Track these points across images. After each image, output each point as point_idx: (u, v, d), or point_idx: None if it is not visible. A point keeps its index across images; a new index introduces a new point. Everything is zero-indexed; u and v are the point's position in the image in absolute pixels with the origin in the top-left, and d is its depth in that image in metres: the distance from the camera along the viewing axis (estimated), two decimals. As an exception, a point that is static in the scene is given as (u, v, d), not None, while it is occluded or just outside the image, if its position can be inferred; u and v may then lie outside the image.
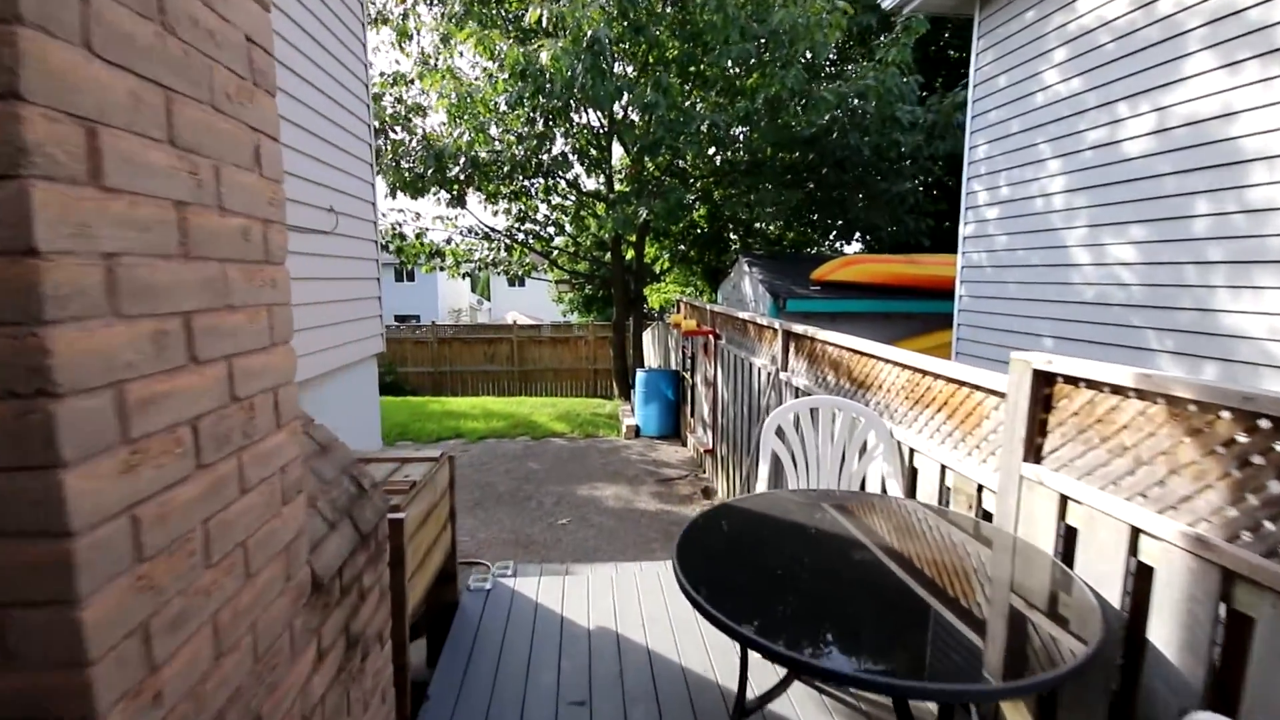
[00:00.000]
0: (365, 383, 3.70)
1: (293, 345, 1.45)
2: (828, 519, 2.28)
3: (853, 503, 2.47)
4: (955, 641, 1.58)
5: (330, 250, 3.14)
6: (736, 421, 5.75)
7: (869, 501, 2.50)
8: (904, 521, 2.31)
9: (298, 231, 2.78)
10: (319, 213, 3.06)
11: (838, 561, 2.00)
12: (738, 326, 5.82)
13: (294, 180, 2.78)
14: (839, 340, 3.53)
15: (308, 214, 2.96)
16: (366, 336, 3.60)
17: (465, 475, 7.10)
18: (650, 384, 8.95)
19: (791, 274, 7.60)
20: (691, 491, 6.62)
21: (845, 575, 1.92)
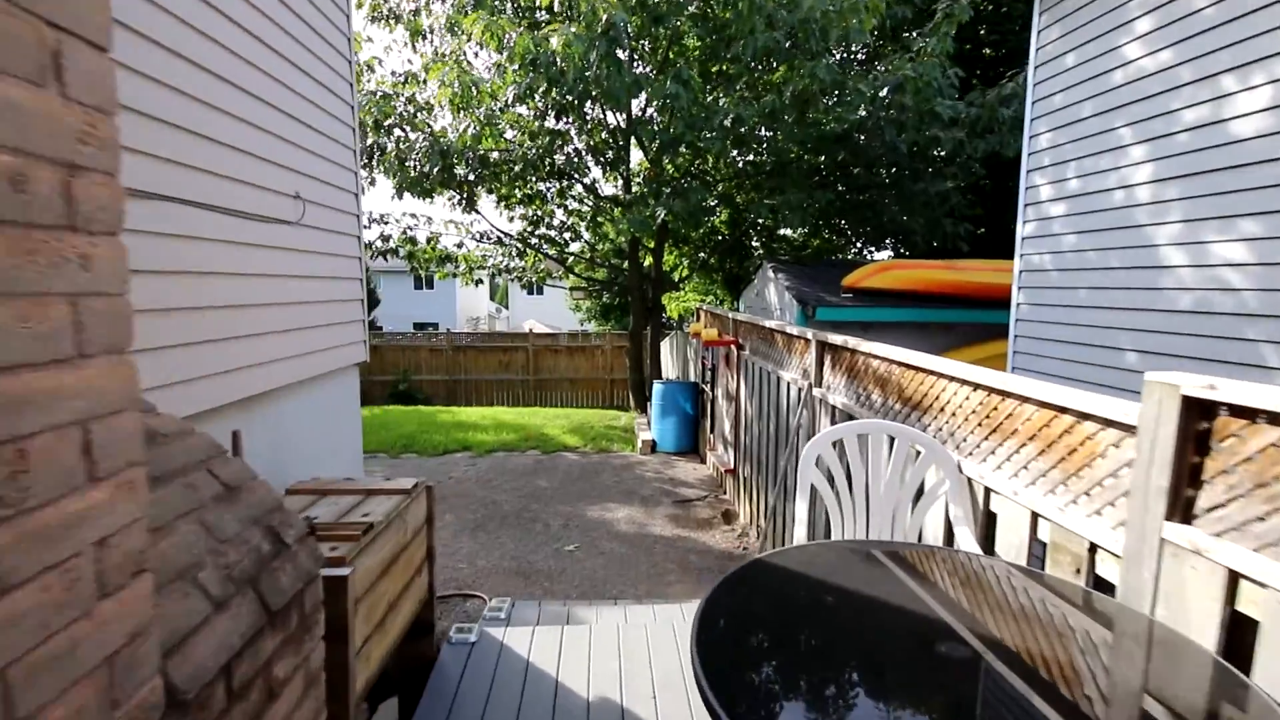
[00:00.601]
0: (343, 397, 3.27)
1: (131, 358, 0.99)
2: (893, 585, 1.76)
3: (921, 561, 1.95)
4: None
5: (296, 244, 2.72)
6: (761, 441, 5.22)
7: (942, 559, 1.97)
8: (993, 590, 1.78)
9: (247, 219, 2.35)
10: (281, 199, 2.64)
11: (918, 652, 1.48)
12: (764, 336, 5.31)
13: (238, 155, 2.36)
14: (888, 352, 3.01)
15: (265, 199, 2.53)
16: (344, 344, 3.18)
17: (470, 492, 6.66)
18: (668, 397, 8.45)
19: (821, 281, 7.07)
20: (711, 515, 6.10)
21: (934, 676, 1.40)
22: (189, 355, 2.02)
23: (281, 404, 2.68)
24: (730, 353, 6.32)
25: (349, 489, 2.35)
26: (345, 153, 3.20)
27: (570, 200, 11.03)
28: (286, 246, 2.63)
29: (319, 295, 2.95)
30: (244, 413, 2.38)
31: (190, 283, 2.05)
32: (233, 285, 2.30)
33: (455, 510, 6.10)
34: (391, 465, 7.78)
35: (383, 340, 18.42)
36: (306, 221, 2.78)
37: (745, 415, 5.80)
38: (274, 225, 2.55)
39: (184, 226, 2.00)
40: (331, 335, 3.06)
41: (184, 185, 2.02)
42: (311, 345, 2.87)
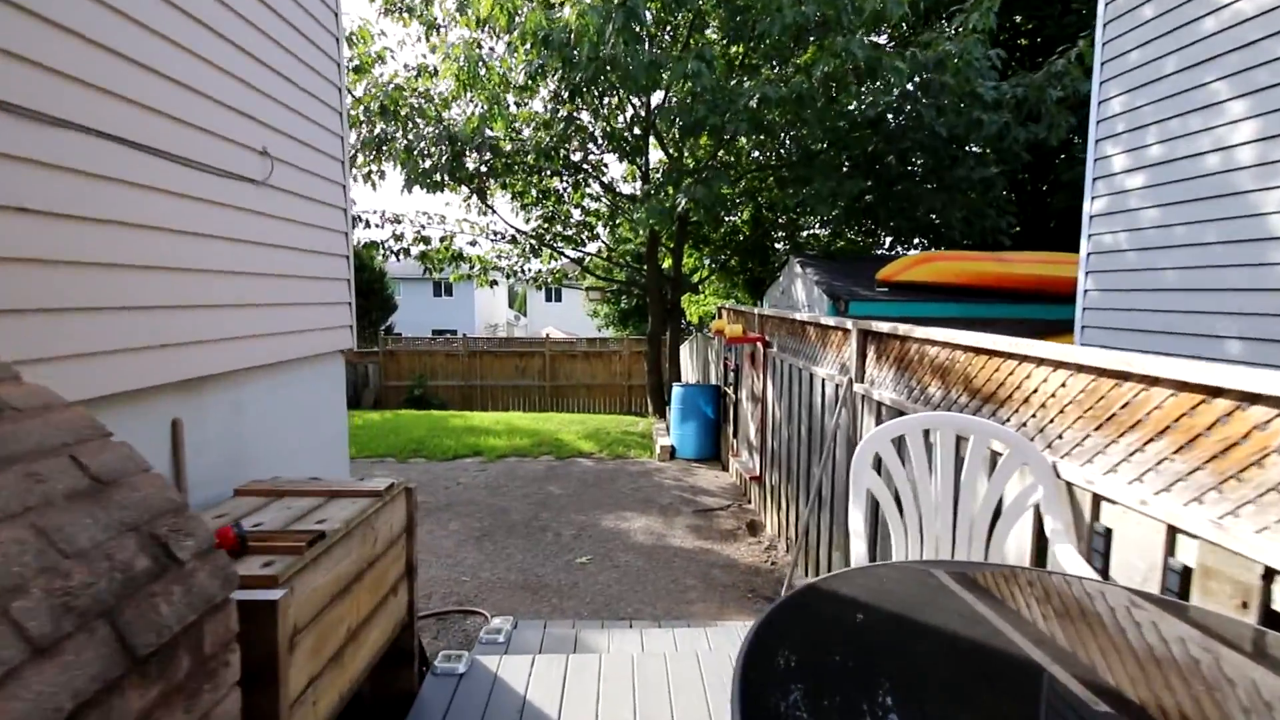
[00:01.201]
0: (324, 386, 2.90)
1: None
2: (986, 621, 1.31)
3: (1021, 588, 1.49)
4: None
5: (265, 207, 2.37)
6: (792, 445, 4.76)
7: (1047, 586, 1.51)
8: (1126, 630, 1.32)
9: (195, 168, 1.99)
10: (245, 154, 2.28)
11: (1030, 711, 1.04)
12: (794, 331, 4.86)
13: (186, 93, 2.00)
14: (952, 336, 2.56)
15: (222, 151, 2.17)
16: (325, 327, 2.81)
17: (477, 499, 6.28)
18: (687, 400, 8.01)
19: (852, 275, 6.61)
20: (735, 526, 5.63)
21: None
22: (108, 322, 1.66)
23: (243, 390, 2.32)
24: (756, 351, 5.87)
25: (312, 490, 1.97)
26: (329, 114, 2.85)
27: (587, 200, 10.70)
28: (252, 209, 2.28)
29: (294, 269, 2.58)
30: (190, 398, 2.02)
31: (114, 235, 1.69)
32: (177, 244, 1.94)
33: (461, 518, 5.72)
34: (399, 470, 7.44)
35: (398, 345, 18.23)
36: (278, 183, 2.42)
37: (773, 418, 5.35)
38: (234, 183, 2.19)
39: (101, 164, 1.65)
40: (310, 316, 2.69)
41: (108, 117, 1.67)
42: (284, 324, 2.50)
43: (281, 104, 2.45)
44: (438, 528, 5.45)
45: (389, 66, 7.74)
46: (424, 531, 5.34)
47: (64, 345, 1.49)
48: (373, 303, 22.30)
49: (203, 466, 2.00)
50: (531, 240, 9.91)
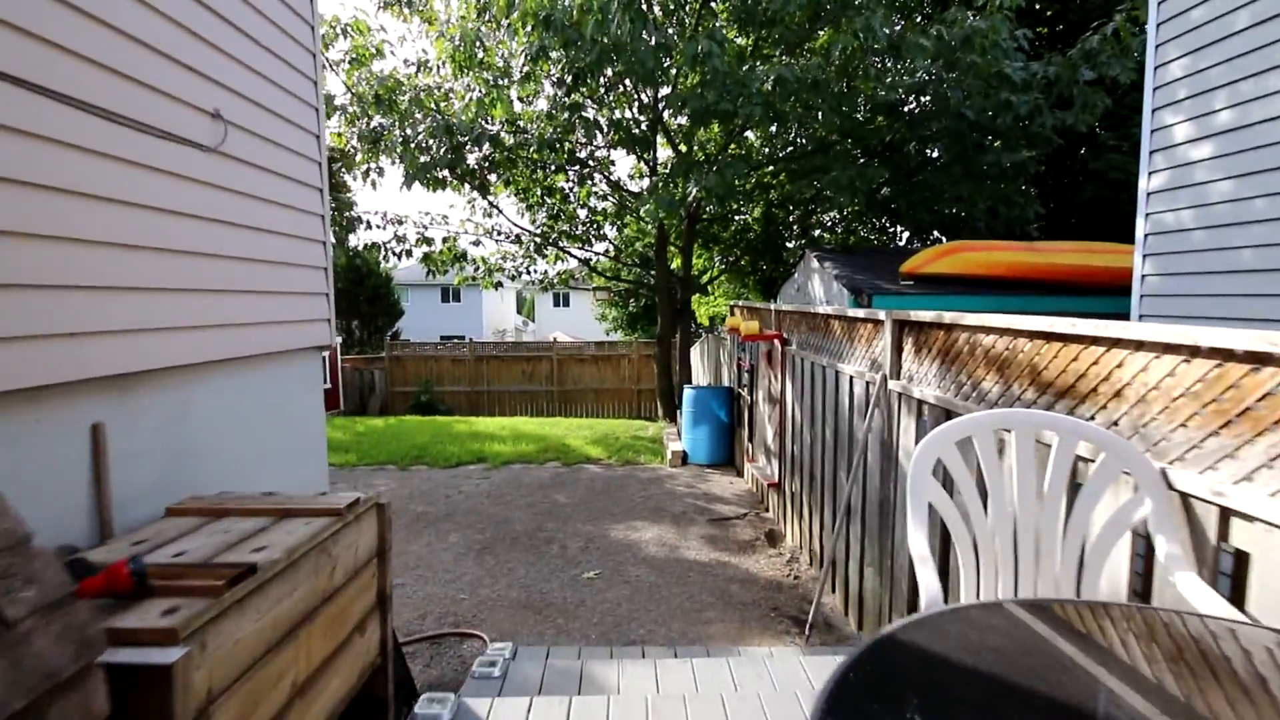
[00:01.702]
0: (296, 387, 2.57)
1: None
2: (1123, 695, 0.95)
3: (1155, 636, 1.13)
4: None
5: (218, 178, 2.05)
6: (815, 450, 4.40)
7: (1185, 633, 1.15)
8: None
9: (128, 127, 1.68)
10: (189, 114, 1.97)
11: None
12: (815, 326, 4.51)
13: (116, 37, 1.69)
14: (1012, 323, 2.20)
15: (159, 107, 1.86)
16: (296, 320, 2.49)
17: (480, 508, 5.95)
18: (699, 403, 7.66)
19: (873, 269, 6.24)
20: (753, 537, 5.27)
21: None
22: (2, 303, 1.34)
23: (190, 390, 2.00)
24: (773, 349, 5.52)
25: (261, 508, 1.64)
26: (300, 80, 2.53)
27: (593, 199, 10.40)
28: (200, 179, 1.97)
29: (256, 251, 2.27)
30: (119, 398, 1.70)
31: (12, 198, 1.38)
32: (98, 213, 1.62)
33: (462, 529, 5.40)
34: (399, 478, 7.13)
35: (405, 350, 17.99)
36: (234, 152, 2.11)
37: (792, 421, 4.99)
38: (177, 147, 1.88)
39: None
40: (277, 306, 2.37)
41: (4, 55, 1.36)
42: (243, 314, 2.18)
43: (239, 62, 2.15)
44: (436, 540, 5.13)
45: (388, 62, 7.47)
46: (422, 544, 5.02)
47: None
48: (379, 308, 22.13)
49: (133, 481, 1.68)
50: (536, 239, 9.60)
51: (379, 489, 6.63)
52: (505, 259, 10.81)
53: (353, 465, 7.71)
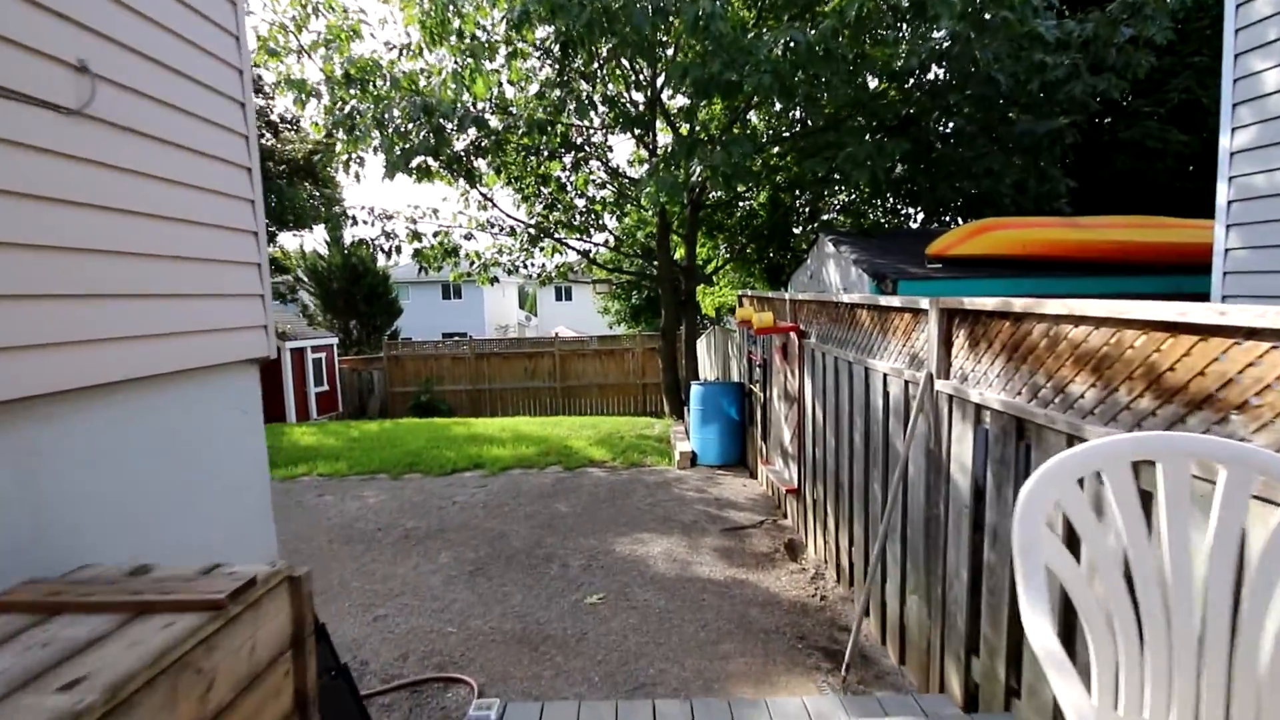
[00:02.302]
0: (218, 412, 2.09)
1: None
2: None
3: None
4: None
5: (93, 151, 1.59)
6: (841, 455, 3.93)
7: None
8: None
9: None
10: (47, 67, 1.50)
11: None
12: (838, 317, 4.02)
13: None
14: (1119, 310, 1.72)
15: (10, 60, 1.39)
16: (218, 328, 2.03)
17: (474, 522, 5.51)
18: (708, 400, 7.19)
19: (895, 251, 5.74)
20: (772, 548, 4.81)
21: None
22: None
23: (60, 423, 1.54)
24: (789, 342, 5.04)
25: (112, 600, 1.18)
26: (213, 33, 2.03)
27: (591, 187, 9.90)
28: (66, 152, 1.51)
29: (153, 244, 1.80)
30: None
31: None
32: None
33: (454, 547, 4.96)
34: (390, 489, 6.70)
35: (403, 350, 17.57)
36: (115, 117, 1.65)
37: (813, 422, 4.52)
38: (22, 108, 1.42)
39: None
40: (187, 313, 1.90)
41: None
42: (135, 324, 1.72)
43: (116, 1, 1.67)
44: (425, 561, 4.69)
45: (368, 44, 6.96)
46: (409, 566, 4.59)
47: None
48: (377, 307, 21.70)
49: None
50: (530, 230, 9.11)
51: (368, 501, 6.21)
52: (501, 253, 10.34)
53: (343, 475, 7.29)
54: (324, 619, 4.02)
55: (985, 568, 2.38)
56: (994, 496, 2.32)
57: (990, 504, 2.35)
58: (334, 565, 4.64)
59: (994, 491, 2.32)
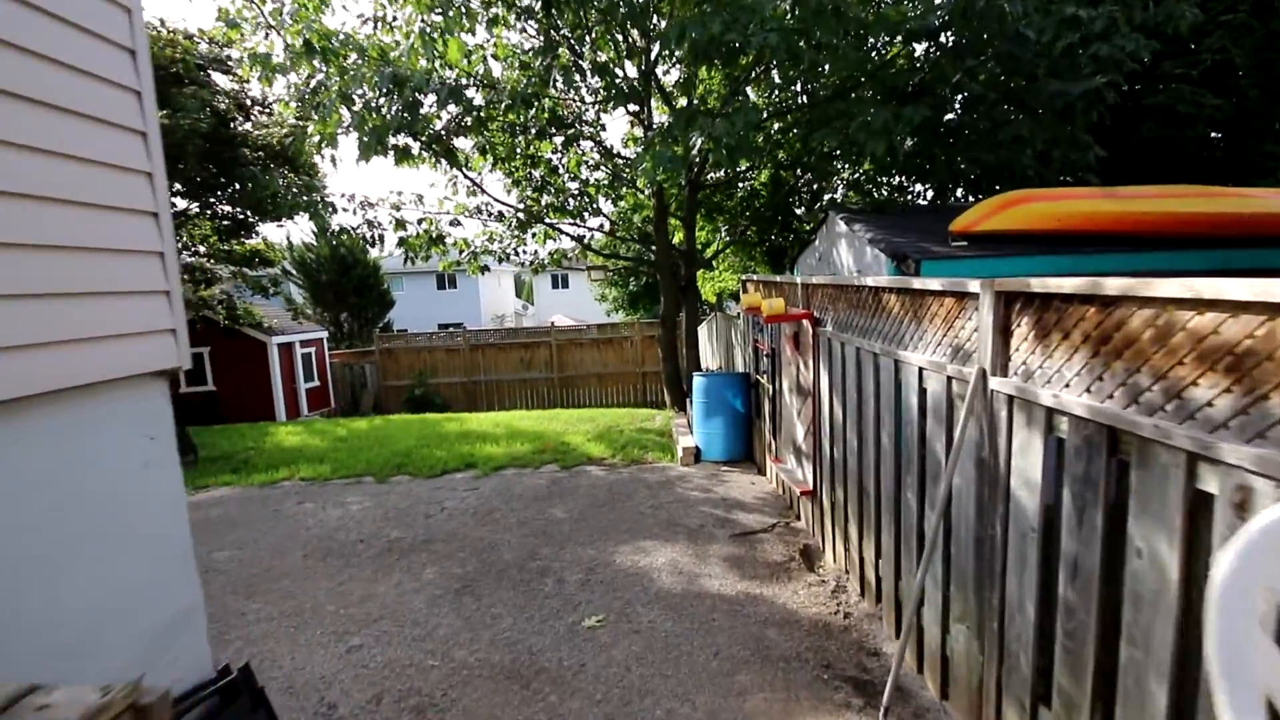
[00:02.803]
0: (109, 440, 1.64)
1: None
2: None
3: None
4: None
5: None
6: (867, 457, 3.51)
7: None
8: None
9: None
10: None
11: None
12: (860, 302, 3.59)
13: None
14: (1269, 291, 1.29)
15: None
16: (106, 334, 1.59)
17: (462, 531, 5.11)
18: (711, 393, 6.78)
19: (914, 229, 5.29)
20: (786, 556, 4.41)
21: None
22: None
23: None
24: (802, 331, 4.61)
25: None
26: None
27: (584, 169, 9.40)
28: None
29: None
30: None
31: None
32: None
33: (440, 560, 4.56)
34: (375, 494, 6.30)
35: (396, 342, 17.12)
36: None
37: (831, 418, 4.09)
38: None
39: None
40: (50, 317, 1.47)
41: None
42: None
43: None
44: (408, 578, 4.29)
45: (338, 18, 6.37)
46: (390, 585, 4.19)
47: None
48: (368, 299, 21.22)
49: None
50: (519, 215, 8.63)
51: (351, 509, 5.80)
52: (492, 240, 9.86)
53: (326, 479, 6.88)
54: (291, 652, 3.62)
55: (1061, 606, 1.97)
56: (1073, 522, 1.91)
57: (1068, 530, 1.93)
58: (308, 585, 4.24)
59: (1073, 516, 1.91)
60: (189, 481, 6.85)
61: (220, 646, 3.53)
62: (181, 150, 7.19)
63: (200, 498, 6.41)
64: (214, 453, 8.30)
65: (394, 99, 5.42)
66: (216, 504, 6.16)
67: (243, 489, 6.65)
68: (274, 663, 3.36)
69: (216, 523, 5.60)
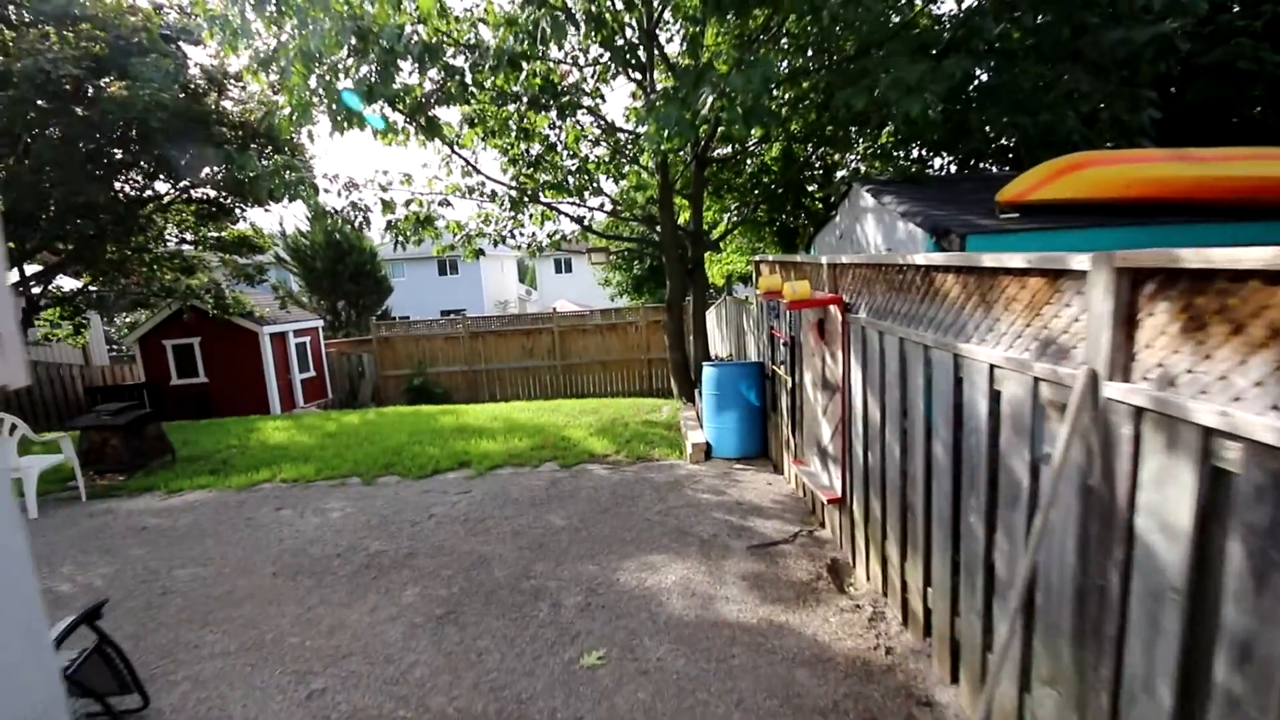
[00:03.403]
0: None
1: None
2: None
3: None
4: None
5: None
6: (913, 466, 2.97)
7: None
8: None
9: None
10: None
11: None
12: (903, 284, 3.03)
13: None
14: None
15: None
16: None
17: (450, 543, 4.63)
18: (723, 384, 6.25)
19: (951, 201, 4.70)
20: (812, 573, 3.91)
21: None
22: None
23: None
24: (828, 318, 4.06)
25: None
26: None
27: (584, 144, 8.79)
28: None
29: None
30: None
31: None
32: None
33: (422, 580, 4.08)
34: (360, 497, 5.82)
35: (394, 331, 16.62)
36: None
37: (866, 419, 3.56)
38: None
39: None
40: None
41: None
42: None
43: None
44: (385, 601, 3.81)
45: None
46: (364, 610, 3.71)
47: None
48: (365, 286, 20.70)
49: None
50: (512, 193, 8.05)
51: (331, 516, 5.33)
52: (487, 222, 9.29)
53: (309, 480, 6.41)
54: (244, 698, 3.00)
55: (1218, 698, 1.44)
56: (1247, 588, 1.37)
57: (1236, 599, 1.40)
58: (273, 611, 3.77)
59: (1247, 580, 1.37)
60: (162, 485, 6.39)
61: (164, 690, 3.07)
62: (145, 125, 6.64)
63: (172, 503, 5.95)
64: (195, 451, 7.84)
65: (362, 60, 4.82)
66: (188, 510, 5.70)
67: (219, 493, 6.19)
68: (222, 712, 2.89)
69: (184, 533, 5.14)
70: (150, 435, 7.12)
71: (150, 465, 7.01)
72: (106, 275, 10.59)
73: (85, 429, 6.79)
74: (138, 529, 5.33)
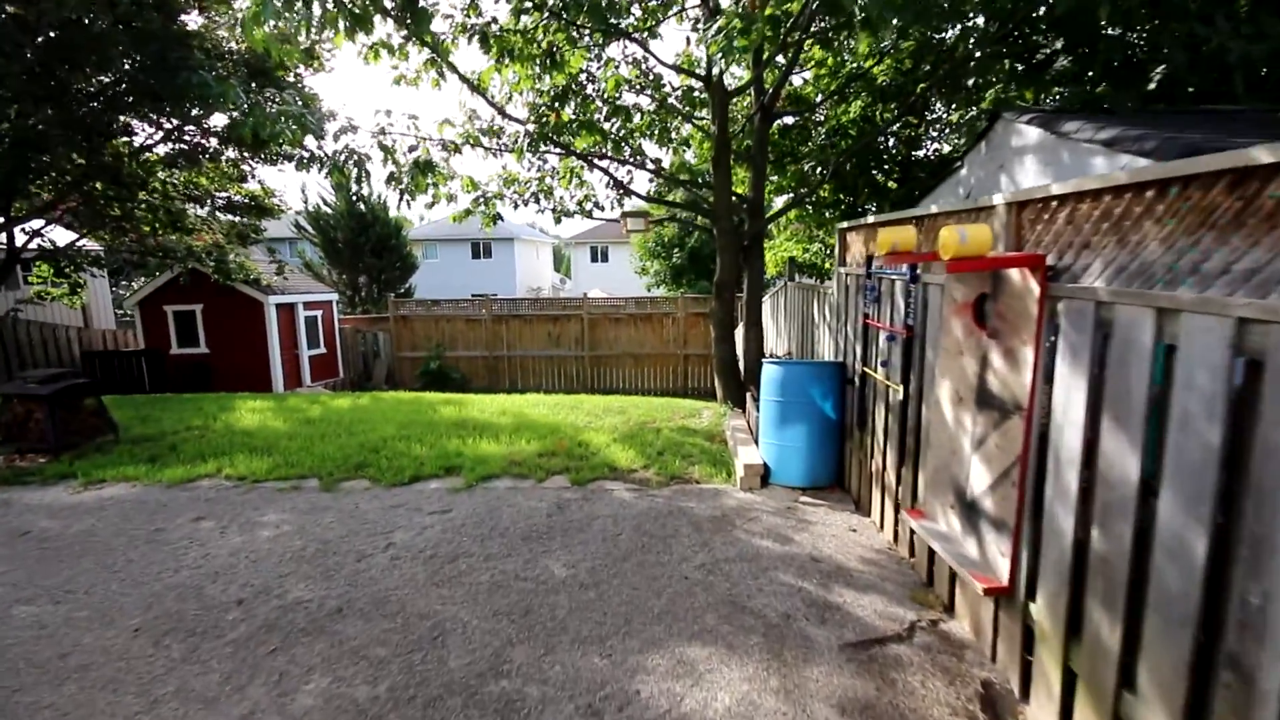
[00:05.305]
0: None
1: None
2: None
3: None
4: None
5: None
6: (1240, 580, 1.39)
7: None
8: None
9: None
10: None
11: None
12: (1241, 214, 1.44)
13: None
14: None
15: None
16: None
17: (401, 594, 3.25)
18: (790, 388, 4.71)
19: (1198, 126, 3.07)
20: (954, 709, 2.36)
21: None
22: None
23: None
24: (1001, 292, 2.49)
25: None
26: None
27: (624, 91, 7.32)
28: None
29: None
30: None
31: None
32: None
33: (343, 659, 2.67)
34: (308, 508, 4.47)
35: (411, 309, 15.44)
36: None
37: (1093, 469, 2.00)
38: None
39: None
40: None
41: None
42: None
43: None
44: (270, 703, 2.40)
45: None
46: (237, 715, 2.32)
47: None
48: (387, 260, 19.61)
49: None
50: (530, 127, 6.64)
51: (260, 535, 3.99)
52: (508, 184, 7.90)
53: (258, 479, 5.10)
54: None
55: None
56: None
57: None
58: (105, 700, 2.41)
59: None
60: (82, 473, 5.17)
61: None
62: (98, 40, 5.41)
63: (83, 498, 4.71)
64: (148, 430, 6.66)
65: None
66: (93, 512, 4.44)
67: (144, 489, 4.93)
68: None
69: (67, 546, 3.86)
70: (86, 410, 5.94)
71: (83, 446, 5.82)
72: (93, 222, 9.57)
73: (6, 397, 5.62)
74: (17, 533, 4.09)
